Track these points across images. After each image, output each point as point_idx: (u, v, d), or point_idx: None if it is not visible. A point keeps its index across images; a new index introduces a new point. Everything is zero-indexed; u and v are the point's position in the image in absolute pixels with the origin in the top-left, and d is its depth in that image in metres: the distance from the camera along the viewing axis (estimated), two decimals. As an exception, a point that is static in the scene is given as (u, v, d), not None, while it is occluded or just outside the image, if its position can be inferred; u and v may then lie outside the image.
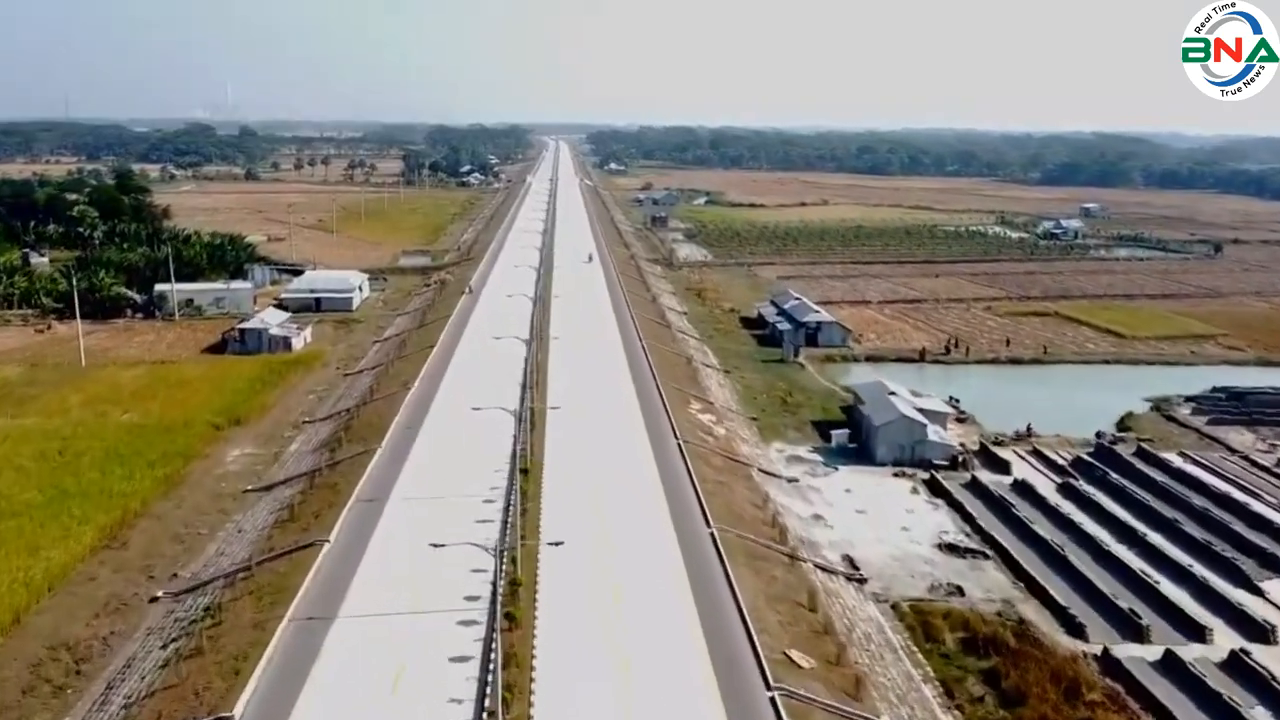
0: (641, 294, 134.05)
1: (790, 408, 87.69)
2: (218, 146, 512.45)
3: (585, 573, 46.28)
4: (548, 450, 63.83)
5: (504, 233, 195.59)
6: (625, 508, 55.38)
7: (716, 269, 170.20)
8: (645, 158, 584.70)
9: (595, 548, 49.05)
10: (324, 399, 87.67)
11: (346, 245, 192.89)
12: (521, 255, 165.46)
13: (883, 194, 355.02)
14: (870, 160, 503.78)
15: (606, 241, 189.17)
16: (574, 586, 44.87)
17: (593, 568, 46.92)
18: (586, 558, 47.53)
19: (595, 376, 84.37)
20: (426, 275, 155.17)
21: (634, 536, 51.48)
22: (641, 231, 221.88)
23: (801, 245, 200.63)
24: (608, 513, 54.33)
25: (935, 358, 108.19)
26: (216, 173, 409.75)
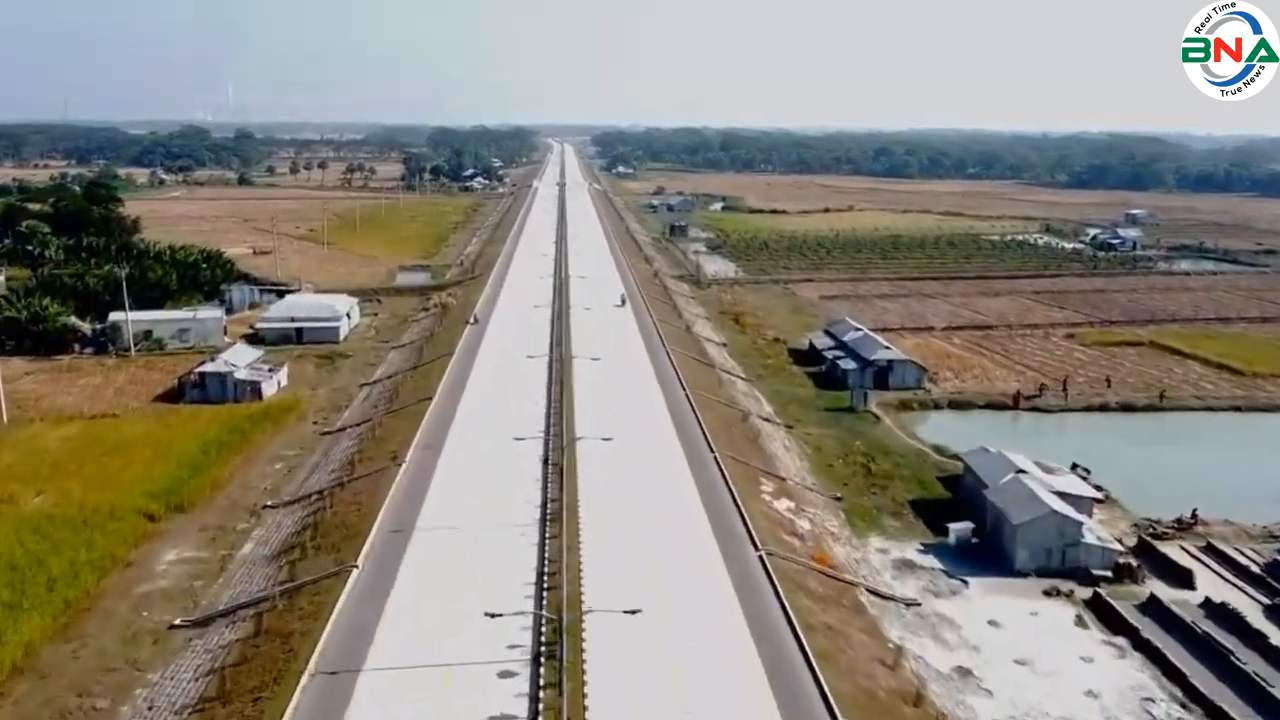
0: (674, 321, 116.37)
1: (877, 480, 69.96)
2: (212, 150, 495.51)
3: None
4: (587, 593, 45.05)
5: (511, 244, 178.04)
6: (708, 698, 37.39)
7: (750, 287, 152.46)
8: (653, 160, 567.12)
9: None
10: (294, 470, 70.10)
11: (338, 259, 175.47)
12: (531, 269, 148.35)
13: (907, 198, 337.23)
14: (887, 163, 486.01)
15: (624, 253, 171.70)
16: None
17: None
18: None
19: (637, 447, 66.56)
20: (425, 296, 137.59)
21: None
22: (660, 242, 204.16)
23: (838, 258, 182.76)
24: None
25: (1030, 403, 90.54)
26: (208, 177, 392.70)
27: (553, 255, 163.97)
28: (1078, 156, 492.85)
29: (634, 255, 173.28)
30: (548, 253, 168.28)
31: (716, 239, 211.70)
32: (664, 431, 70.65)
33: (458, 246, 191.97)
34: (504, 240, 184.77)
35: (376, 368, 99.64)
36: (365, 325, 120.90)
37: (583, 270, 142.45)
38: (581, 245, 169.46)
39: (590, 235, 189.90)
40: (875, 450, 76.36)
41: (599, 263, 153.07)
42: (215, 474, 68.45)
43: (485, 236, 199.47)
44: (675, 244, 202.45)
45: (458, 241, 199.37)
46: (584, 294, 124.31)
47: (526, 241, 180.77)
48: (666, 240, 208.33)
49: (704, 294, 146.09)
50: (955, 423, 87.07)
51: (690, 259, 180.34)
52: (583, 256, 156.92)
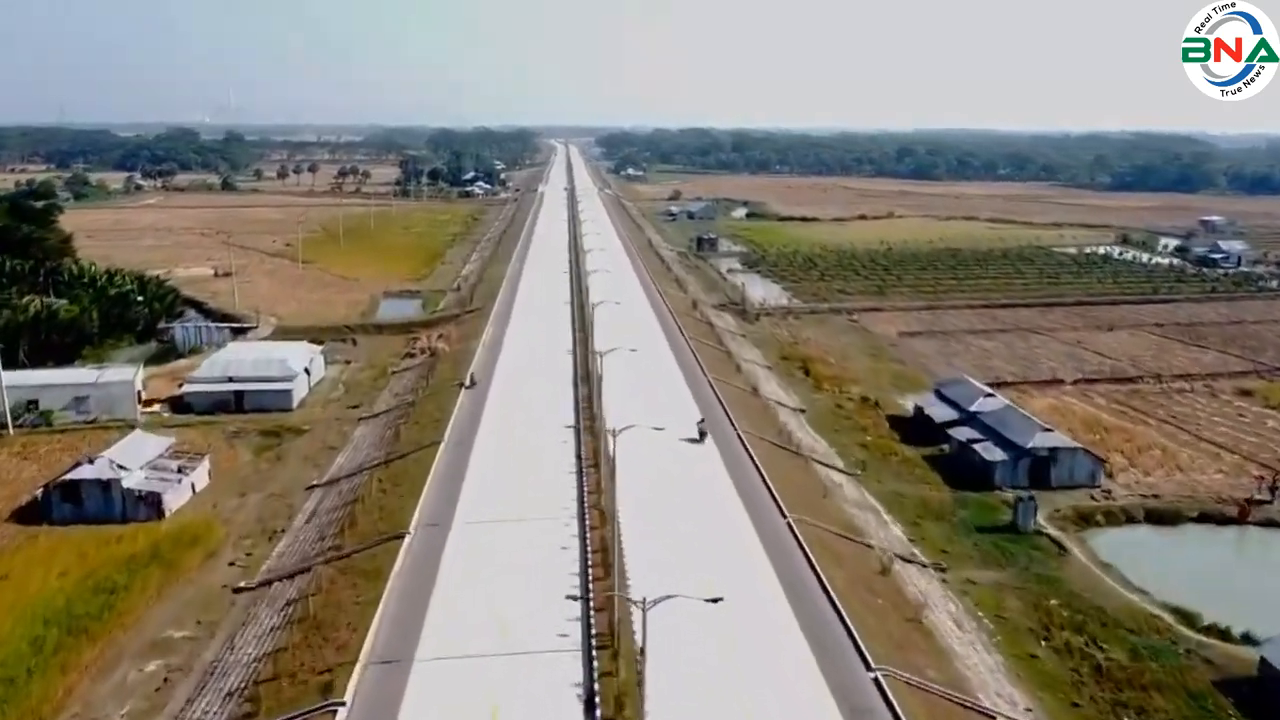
0: (733, 379, 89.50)
1: (1122, 693, 43.03)
2: (199, 153, 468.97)
3: None
4: None
5: (516, 263, 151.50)
6: None
7: (808, 320, 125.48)
8: (663, 162, 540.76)
9: None
10: (176, 683, 43.16)
11: (314, 282, 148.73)
12: (542, 297, 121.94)
13: (944, 203, 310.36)
14: (912, 163, 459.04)
15: (651, 274, 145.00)
16: None
17: None
18: None
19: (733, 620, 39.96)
20: (413, 337, 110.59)
21: None
22: (688, 259, 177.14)
23: (900, 278, 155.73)
24: None
25: (1263, 511, 63.67)
26: (189, 182, 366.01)
27: (566, 277, 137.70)
28: (1114, 156, 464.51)
29: (662, 276, 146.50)
30: (559, 274, 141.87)
31: (752, 254, 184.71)
32: (776, 611, 43.76)
33: (455, 265, 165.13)
34: (508, 258, 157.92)
35: (337, 454, 72.73)
36: (332, 380, 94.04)
37: (605, 296, 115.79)
38: (599, 262, 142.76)
39: (608, 250, 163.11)
40: (1084, 616, 49.42)
41: (622, 286, 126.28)
42: (43, 688, 41.65)
43: (487, 253, 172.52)
44: (706, 260, 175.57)
45: (455, 259, 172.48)
46: (612, 331, 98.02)
47: (535, 259, 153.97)
48: (695, 256, 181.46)
49: (755, 330, 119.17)
50: (1167, 548, 60.30)
51: (727, 280, 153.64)
52: (603, 279, 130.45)
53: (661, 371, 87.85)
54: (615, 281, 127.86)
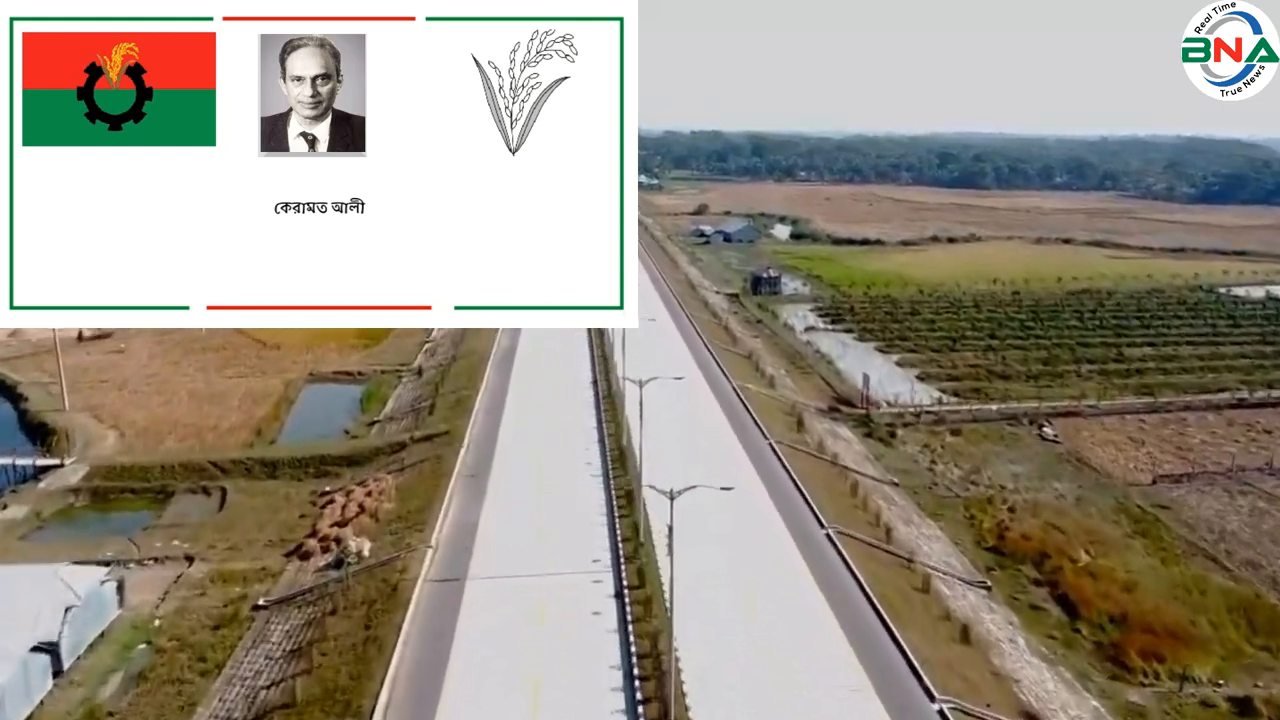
0: (911, 602, 42.59)
1: None
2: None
3: None
4: None
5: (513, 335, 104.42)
6: None
7: (974, 433, 78.02)
8: (677, 166, 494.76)
9: None
10: None
11: (216, 353, 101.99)
12: (553, 383, 76.17)
13: (1016, 219, 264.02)
14: (956, 170, 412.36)
15: (702, 333, 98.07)
16: None
17: None
18: None
19: None
20: (323, 495, 63.12)
21: None
22: (745, 308, 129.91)
23: (1059, 343, 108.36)
24: None
25: None
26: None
27: (584, 345, 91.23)
28: (1194, 164, 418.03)
29: (718, 339, 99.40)
30: (574, 335, 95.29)
31: (828, 300, 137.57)
32: None
33: (418, 332, 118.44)
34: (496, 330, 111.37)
35: None
36: (117, 649, 46.75)
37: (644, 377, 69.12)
38: None
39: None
40: None
41: (664, 356, 79.66)
42: None
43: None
44: (768, 309, 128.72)
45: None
46: (662, 452, 52.08)
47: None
48: (753, 300, 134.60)
49: (899, 461, 72.03)
50: None
51: (809, 344, 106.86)
52: (637, 348, 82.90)
53: (769, 582, 42.19)
54: (653, 347, 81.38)
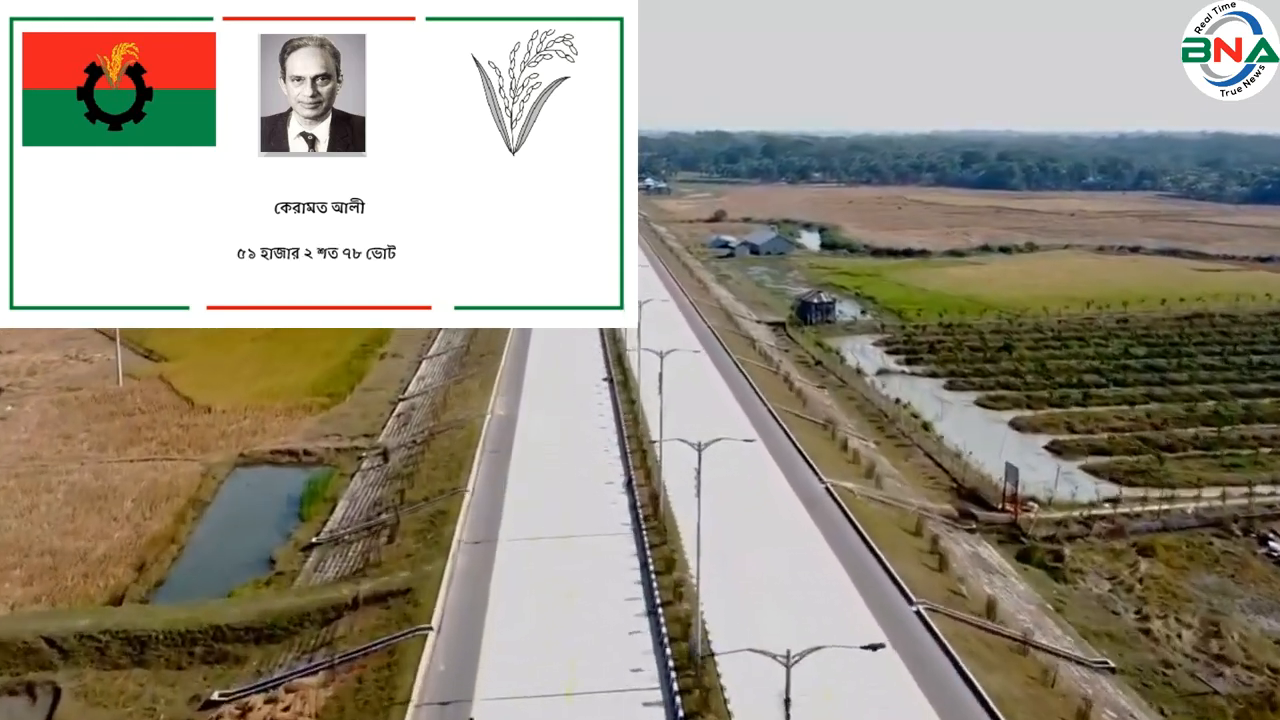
0: None
1: None
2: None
3: None
4: None
5: (509, 385, 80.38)
6: None
7: (1168, 550, 54.30)
8: (684, 169, 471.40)
9: None
10: None
11: (125, 423, 78.46)
12: (569, 470, 53.31)
13: (1061, 223, 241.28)
14: (981, 170, 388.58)
15: (772, 402, 74.05)
16: None
17: None
18: None
19: None
20: (225, 684, 39.75)
21: None
22: (798, 348, 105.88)
23: (1210, 399, 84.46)
24: None
25: None
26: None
27: (605, 409, 67.49)
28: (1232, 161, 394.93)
29: (782, 399, 75.45)
30: (589, 394, 71.75)
31: (895, 331, 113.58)
32: None
33: (399, 369, 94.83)
34: (492, 358, 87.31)
35: None
36: None
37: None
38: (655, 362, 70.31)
39: (662, 326, 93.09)
40: None
41: (722, 423, 56.04)
42: None
43: (459, 345, 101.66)
44: (825, 343, 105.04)
45: (403, 350, 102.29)
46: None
47: (539, 375, 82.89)
48: (803, 332, 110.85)
49: (1074, 596, 48.26)
50: None
51: (887, 396, 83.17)
52: (683, 418, 58.22)
53: None
54: (704, 414, 57.92)
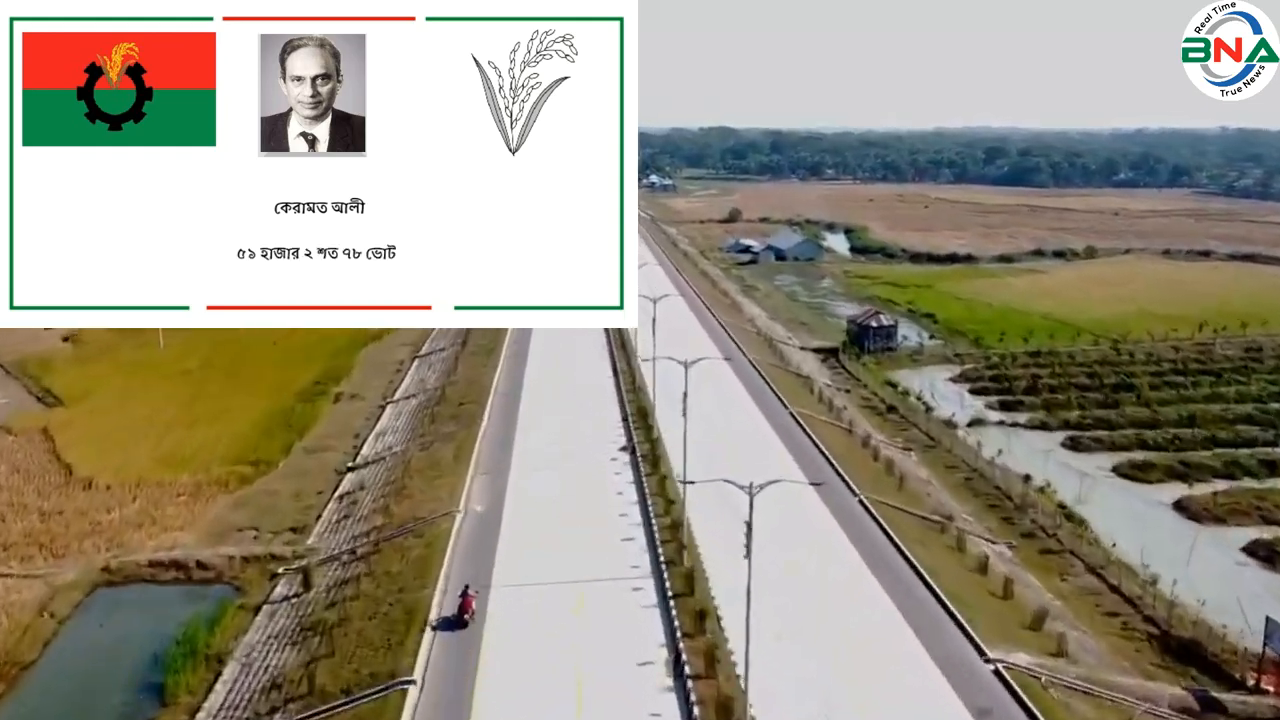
0: None
1: None
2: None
3: None
4: None
5: (497, 475, 59.10)
6: None
7: None
8: (689, 166, 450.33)
9: None
10: None
11: None
12: None
13: (1109, 224, 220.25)
14: (1005, 166, 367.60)
15: (855, 478, 53.29)
16: None
17: None
18: None
19: None
20: None
21: None
22: (861, 385, 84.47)
23: None
24: None
25: None
26: None
27: (639, 573, 45.50)
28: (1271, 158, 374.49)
29: (865, 474, 54.85)
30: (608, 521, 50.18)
31: (974, 361, 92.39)
32: None
33: (350, 430, 73.23)
34: (471, 418, 66.21)
35: None
36: None
37: None
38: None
39: (695, 362, 72.35)
40: None
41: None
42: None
43: (434, 386, 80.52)
44: (892, 379, 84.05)
45: (365, 389, 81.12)
46: None
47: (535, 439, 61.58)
48: (860, 363, 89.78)
49: None
50: None
51: (987, 457, 62.18)
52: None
53: None
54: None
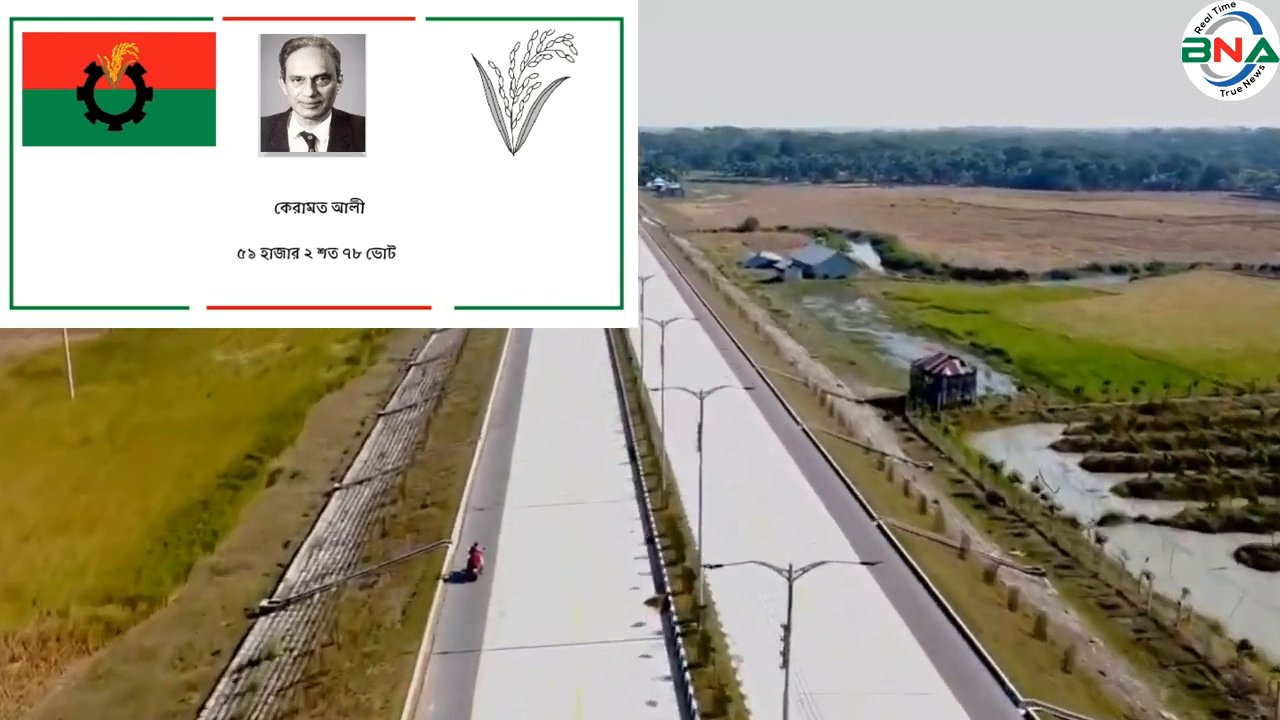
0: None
1: None
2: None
3: None
4: None
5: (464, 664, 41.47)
6: None
7: None
8: (695, 167, 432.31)
9: None
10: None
11: None
12: None
13: (1157, 232, 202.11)
14: (1029, 168, 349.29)
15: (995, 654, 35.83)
16: None
17: None
18: None
19: None
20: None
21: None
22: (941, 457, 66.38)
23: None
24: None
25: None
26: None
27: None
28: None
29: (998, 632, 37.54)
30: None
31: (1070, 418, 74.26)
32: None
33: (278, 536, 55.17)
34: (434, 564, 48.57)
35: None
36: None
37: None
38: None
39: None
40: None
41: None
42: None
43: (393, 468, 62.68)
44: (974, 450, 66.06)
45: (287, 506, 63.06)
46: None
47: (521, 581, 43.72)
48: (935, 422, 71.64)
49: None
50: None
51: (1179, 612, 44.29)
52: None
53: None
54: None
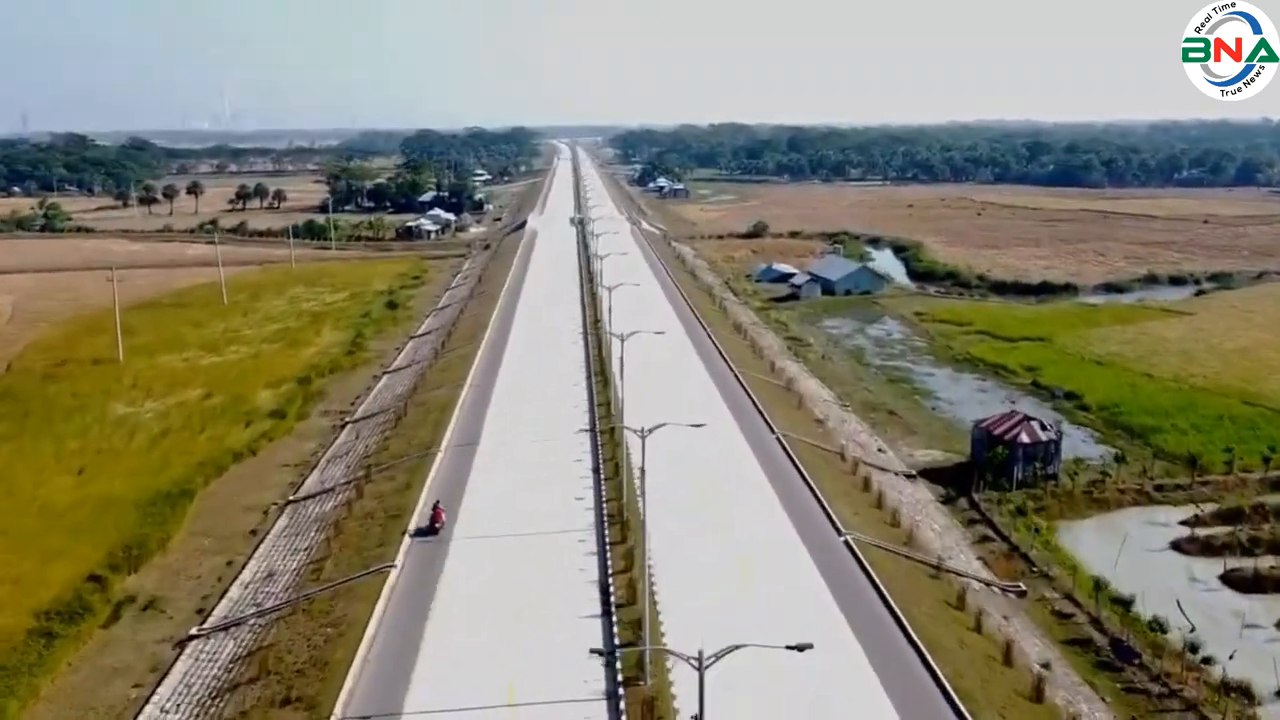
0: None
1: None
2: (74, 168, 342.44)
3: None
4: None
5: None
6: None
7: None
8: (700, 165, 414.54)
9: None
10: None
11: None
12: None
13: (1202, 235, 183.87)
14: (1050, 165, 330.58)
15: None
16: None
17: None
18: None
19: None
20: None
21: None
22: (1028, 568, 49.22)
23: None
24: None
25: None
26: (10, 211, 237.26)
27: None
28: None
29: None
30: None
31: (1179, 503, 57.06)
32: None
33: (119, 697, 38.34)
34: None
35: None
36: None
37: None
38: None
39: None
40: None
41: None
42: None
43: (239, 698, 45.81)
44: (1069, 544, 48.91)
45: (131, 652, 46.22)
46: None
47: None
48: (1013, 513, 54.47)
49: None
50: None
51: None
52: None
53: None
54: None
